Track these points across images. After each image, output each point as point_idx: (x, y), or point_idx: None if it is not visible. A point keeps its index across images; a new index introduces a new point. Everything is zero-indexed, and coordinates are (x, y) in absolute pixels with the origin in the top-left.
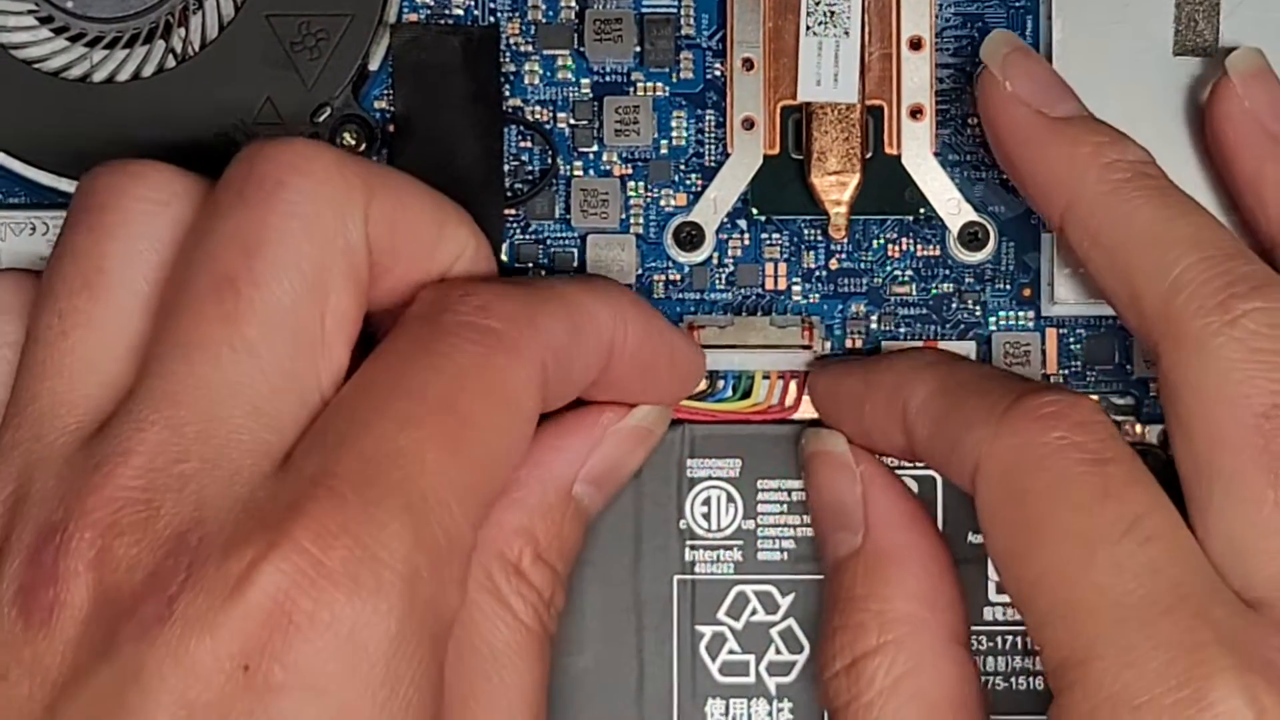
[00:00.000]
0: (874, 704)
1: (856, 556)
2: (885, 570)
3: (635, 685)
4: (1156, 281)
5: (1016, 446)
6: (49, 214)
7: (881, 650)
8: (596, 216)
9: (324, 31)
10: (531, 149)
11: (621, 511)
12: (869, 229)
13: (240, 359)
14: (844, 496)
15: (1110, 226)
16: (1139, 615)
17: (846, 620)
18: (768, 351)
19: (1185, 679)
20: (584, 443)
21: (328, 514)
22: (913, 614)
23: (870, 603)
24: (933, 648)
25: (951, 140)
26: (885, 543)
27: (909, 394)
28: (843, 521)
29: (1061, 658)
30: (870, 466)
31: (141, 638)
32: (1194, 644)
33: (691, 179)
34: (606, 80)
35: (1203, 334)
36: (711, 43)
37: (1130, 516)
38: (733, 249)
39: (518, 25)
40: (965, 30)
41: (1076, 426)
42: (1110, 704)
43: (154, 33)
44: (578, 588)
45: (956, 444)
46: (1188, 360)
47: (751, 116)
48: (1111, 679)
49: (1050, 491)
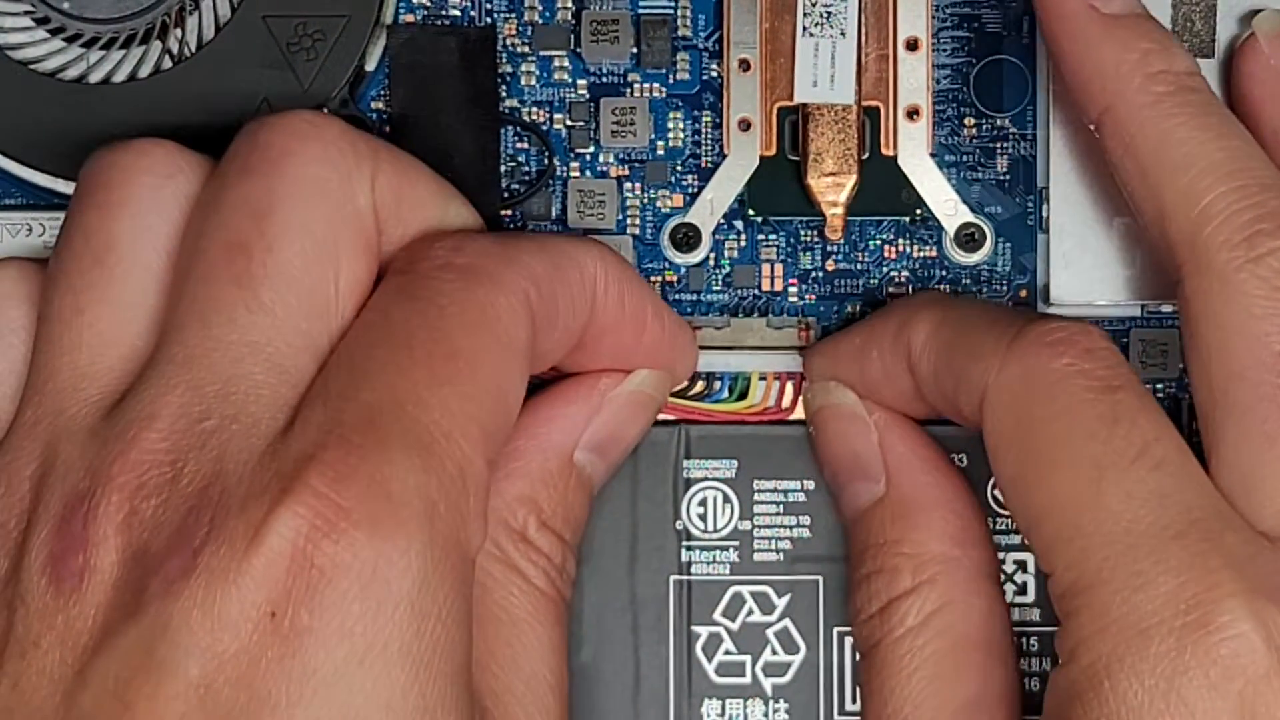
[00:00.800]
0: (904, 640)
1: (881, 504)
2: (914, 514)
3: (631, 685)
4: (1186, 207)
5: (1024, 374)
6: (46, 215)
7: (916, 591)
8: (593, 217)
9: (320, 32)
10: (528, 150)
11: (618, 511)
12: (865, 230)
13: (256, 319)
14: (860, 446)
15: (1146, 140)
16: (1149, 540)
17: (879, 565)
18: (764, 353)
19: (1195, 603)
20: (582, 410)
21: (338, 459)
22: (945, 553)
23: (902, 546)
24: (965, 584)
25: (948, 141)
26: (910, 487)
27: (912, 332)
28: (861, 471)
29: (1070, 582)
30: (884, 414)
31: (167, 593)
32: (1204, 568)
33: (688, 180)
34: (603, 81)
35: (1227, 268)
36: (708, 44)
37: (1140, 442)
38: (729, 250)
39: (514, 26)
40: (962, 31)
41: (1085, 354)
42: (1118, 627)
43: (150, 33)
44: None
45: (963, 375)
46: (1210, 291)
47: (748, 118)
48: (1120, 602)
49: (1060, 418)
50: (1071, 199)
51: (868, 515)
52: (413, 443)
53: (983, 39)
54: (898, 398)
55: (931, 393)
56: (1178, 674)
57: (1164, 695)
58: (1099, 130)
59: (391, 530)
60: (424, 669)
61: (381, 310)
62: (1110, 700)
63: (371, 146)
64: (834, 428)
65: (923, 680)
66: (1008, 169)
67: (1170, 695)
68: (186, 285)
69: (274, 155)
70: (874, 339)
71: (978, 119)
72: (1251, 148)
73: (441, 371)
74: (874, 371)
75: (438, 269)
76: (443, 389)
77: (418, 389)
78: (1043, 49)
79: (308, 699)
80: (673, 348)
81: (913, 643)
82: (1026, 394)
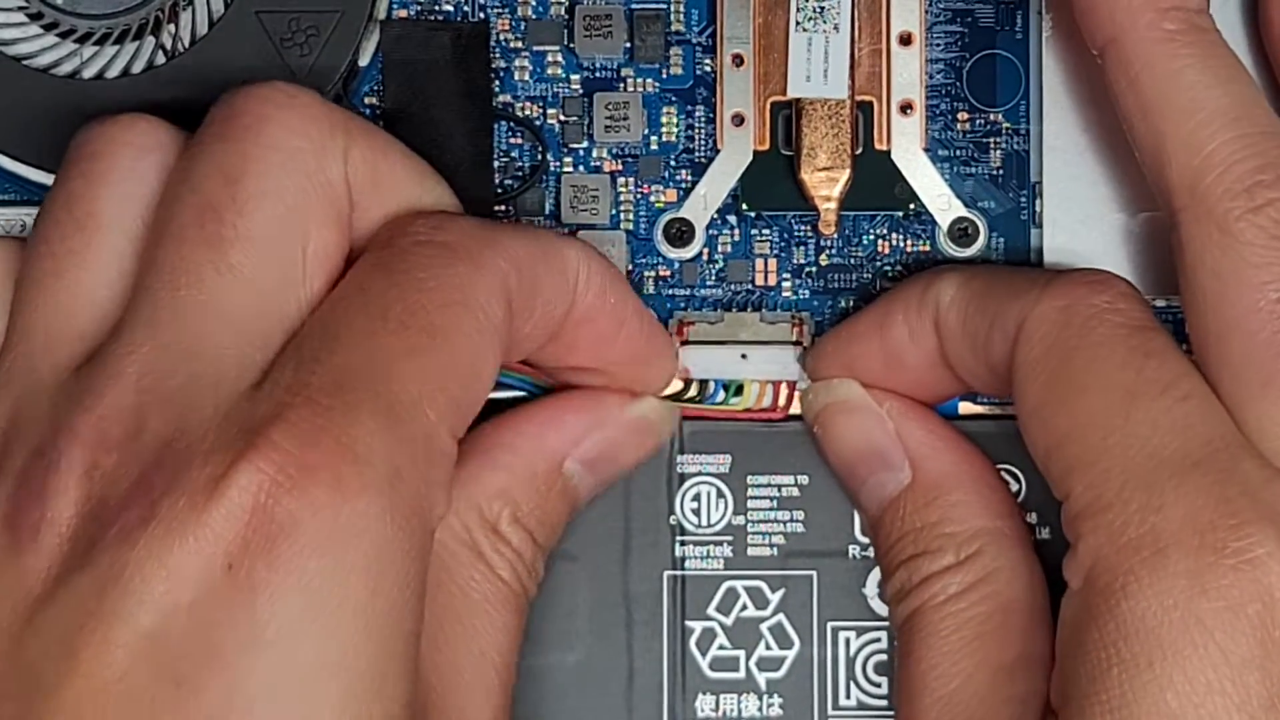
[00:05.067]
0: (945, 605)
1: (910, 491)
2: (947, 495)
3: (625, 680)
4: (1188, 153)
5: (1064, 307)
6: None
7: (960, 565)
8: (586, 213)
9: (314, 28)
10: (521, 145)
11: (611, 507)
12: (859, 225)
13: (225, 281)
14: (876, 438)
15: (1152, 78)
16: (1170, 466)
17: (920, 548)
18: (758, 347)
19: (1212, 525)
20: (583, 421)
21: (305, 419)
22: (988, 526)
23: (943, 527)
24: (1010, 552)
25: (941, 136)
26: (937, 470)
27: (941, 287)
28: (883, 462)
29: (1087, 502)
30: (895, 401)
31: (124, 541)
32: (1222, 495)
33: (681, 175)
34: (596, 76)
35: (1227, 216)
36: (701, 39)
37: (1170, 376)
38: (723, 245)
39: (508, 21)
40: (955, 26)
41: (1120, 296)
42: (1133, 546)
43: (144, 29)
44: (568, 584)
45: (999, 314)
46: (1208, 239)
47: (741, 112)
48: (1137, 523)
49: (1095, 347)
50: (1065, 194)
51: (896, 504)
52: (381, 408)
53: (976, 33)
54: (919, 364)
55: (958, 344)
56: (1195, 594)
57: (1181, 615)
58: (1102, 60)
59: (355, 491)
60: (376, 631)
61: (358, 283)
62: (1127, 620)
63: (347, 120)
64: (846, 423)
65: (964, 640)
66: (1001, 164)
67: (1188, 616)
68: (158, 247)
69: (248, 122)
70: (898, 303)
71: (971, 114)
72: (1256, 94)
73: (415, 343)
74: (898, 336)
75: (417, 245)
76: (415, 360)
77: (390, 357)
78: (1036, 44)
79: (257, 652)
80: (650, 348)
81: (955, 606)
82: (1064, 324)
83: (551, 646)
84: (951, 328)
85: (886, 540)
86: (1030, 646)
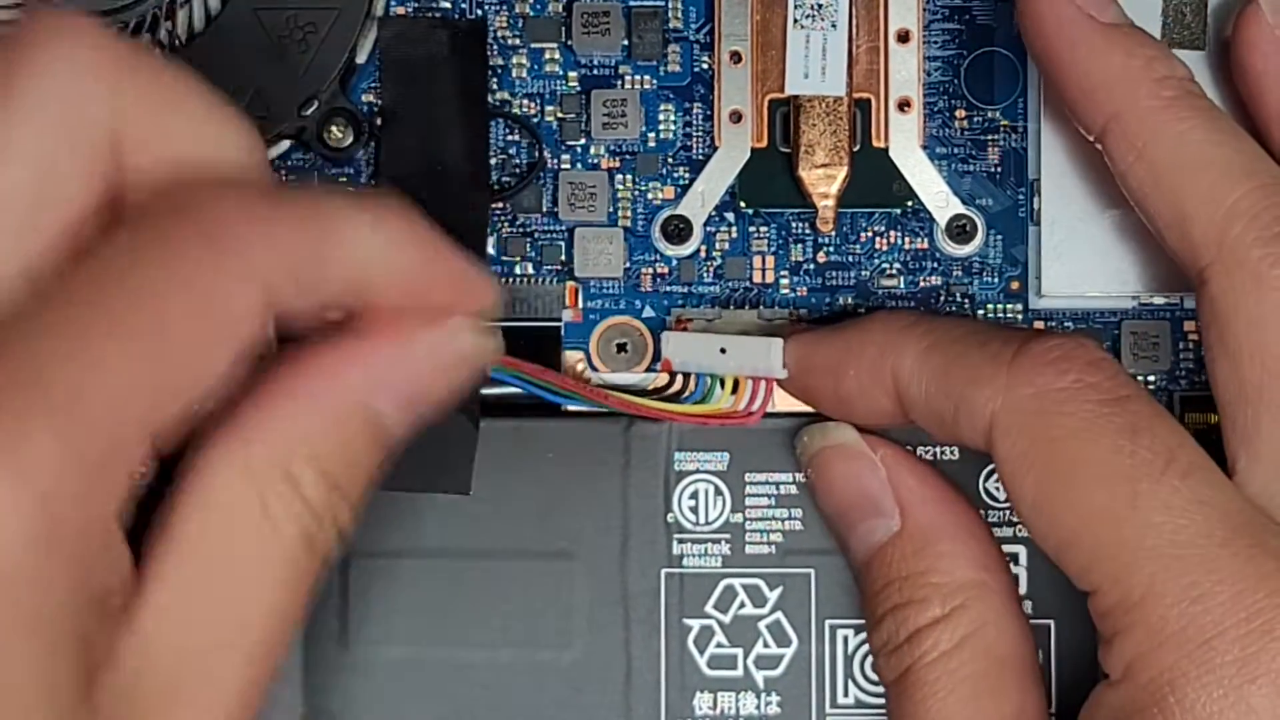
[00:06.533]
0: (938, 663)
1: (898, 539)
2: (936, 545)
3: (623, 679)
4: (1211, 207)
5: (1033, 395)
6: None
7: (948, 617)
8: (584, 210)
9: (312, 24)
10: (519, 142)
11: (609, 505)
12: (857, 222)
13: None
14: (868, 484)
15: (1161, 144)
16: (1196, 549)
17: (906, 598)
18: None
19: (1257, 609)
20: (388, 357)
21: None
22: (974, 579)
23: (929, 576)
24: (997, 607)
25: (939, 133)
26: (926, 519)
27: (897, 356)
28: (874, 509)
29: (1118, 598)
30: (888, 450)
31: None
32: (1259, 574)
33: (679, 172)
34: (594, 73)
35: (1261, 264)
36: (699, 36)
37: (1165, 451)
38: (720, 242)
39: (505, 18)
40: (953, 23)
41: (1088, 367)
42: (1177, 640)
43: (142, 25)
44: (565, 582)
45: (963, 401)
46: (1243, 288)
47: (739, 110)
48: (1178, 615)
49: (1079, 435)
50: (1063, 191)
51: (884, 551)
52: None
53: (974, 31)
54: (869, 414)
55: (922, 418)
56: (1246, 682)
57: (1234, 705)
58: (1103, 139)
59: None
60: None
61: (96, 261)
62: (1177, 715)
63: (132, 56)
64: (840, 469)
65: (961, 700)
66: (999, 161)
67: (1239, 705)
68: None
69: (12, 49)
70: (851, 359)
71: (969, 111)
72: (1259, 150)
73: (131, 352)
74: (849, 389)
75: (175, 228)
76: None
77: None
78: None
79: None
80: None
81: (947, 665)
82: (1038, 416)
83: (549, 644)
84: (914, 402)
85: (873, 587)
86: (1025, 701)
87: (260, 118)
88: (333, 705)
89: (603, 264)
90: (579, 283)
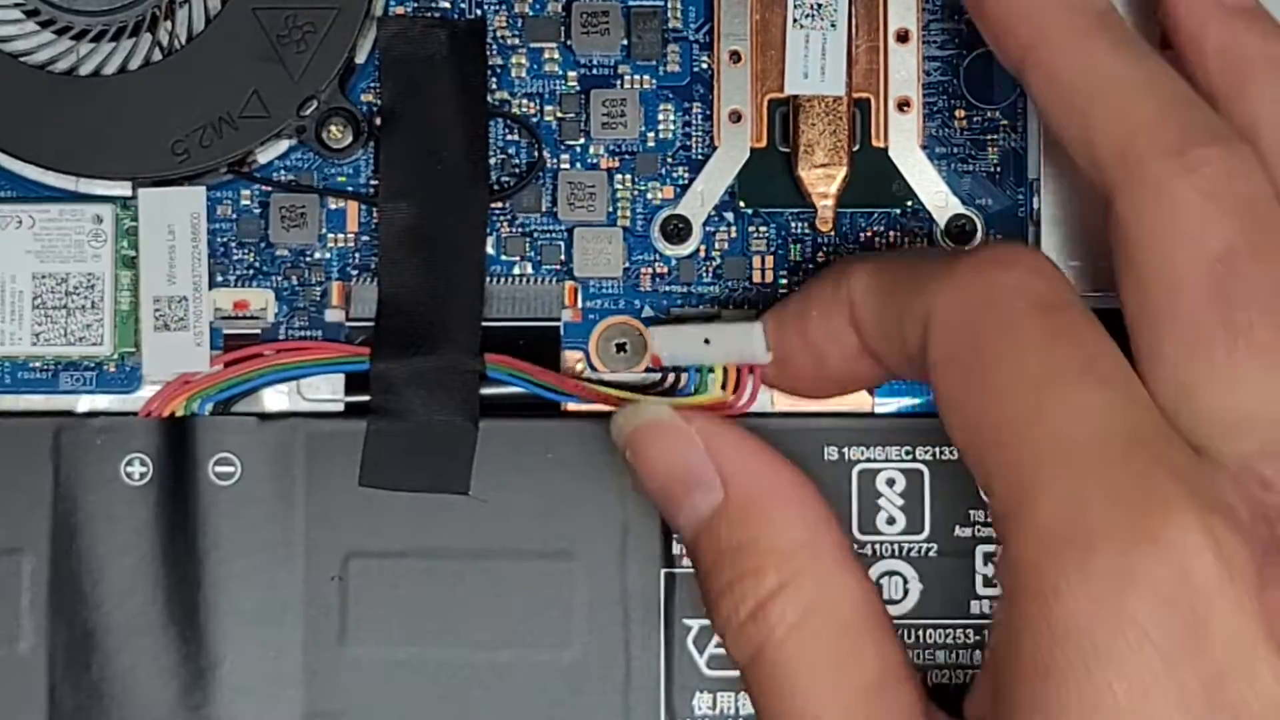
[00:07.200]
0: (789, 639)
1: (724, 509)
2: (763, 511)
3: (622, 679)
4: (1114, 126)
5: (968, 295)
6: (35, 208)
7: (786, 586)
8: (583, 209)
9: (310, 24)
10: (518, 142)
11: (608, 505)
12: (856, 222)
13: None
14: (689, 457)
15: (1071, 68)
16: (1093, 455)
17: (739, 570)
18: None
19: (1141, 516)
20: None
21: None
22: (806, 541)
23: (759, 544)
24: (833, 567)
25: (939, 133)
26: (751, 486)
27: (851, 281)
28: (696, 482)
29: (1008, 502)
30: (704, 420)
31: None
32: (1149, 485)
33: (679, 172)
34: (593, 73)
35: (1161, 176)
36: (698, 35)
37: (1085, 358)
38: (720, 242)
39: (504, 18)
40: (952, 23)
41: (1029, 272)
42: (1060, 544)
43: (140, 26)
44: (564, 582)
45: (906, 310)
46: (1145, 203)
47: (739, 109)
48: (1063, 519)
49: (1003, 334)
50: (1062, 191)
51: (711, 524)
52: None
53: (973, 31)
54: (843, 358)
55: (875, 338)
56: (1126, 590)
57: (1114, 613)
58: (1022, 72)
59: None
60: None
61: None
62: (1060, 625)
63: None
64: (658, 445)
65: (823, 672)
66: (998, 161)
67: (1120, 613)
68: None
69: None
70: (812, 299)
71: (968, 111)
72: (1170, 70)
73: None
74: (817, 333)
75: None
76: None
77: None
78: None
79: None
80: None
81: (799, 638)
82: (970, 311)
83: (548, 645)
84: (867, 324)
85: (705, 563)
86: (885, 653)
87: (260, 118)
88: (333, 705)
89: (602, 264)
90: (578, 282)
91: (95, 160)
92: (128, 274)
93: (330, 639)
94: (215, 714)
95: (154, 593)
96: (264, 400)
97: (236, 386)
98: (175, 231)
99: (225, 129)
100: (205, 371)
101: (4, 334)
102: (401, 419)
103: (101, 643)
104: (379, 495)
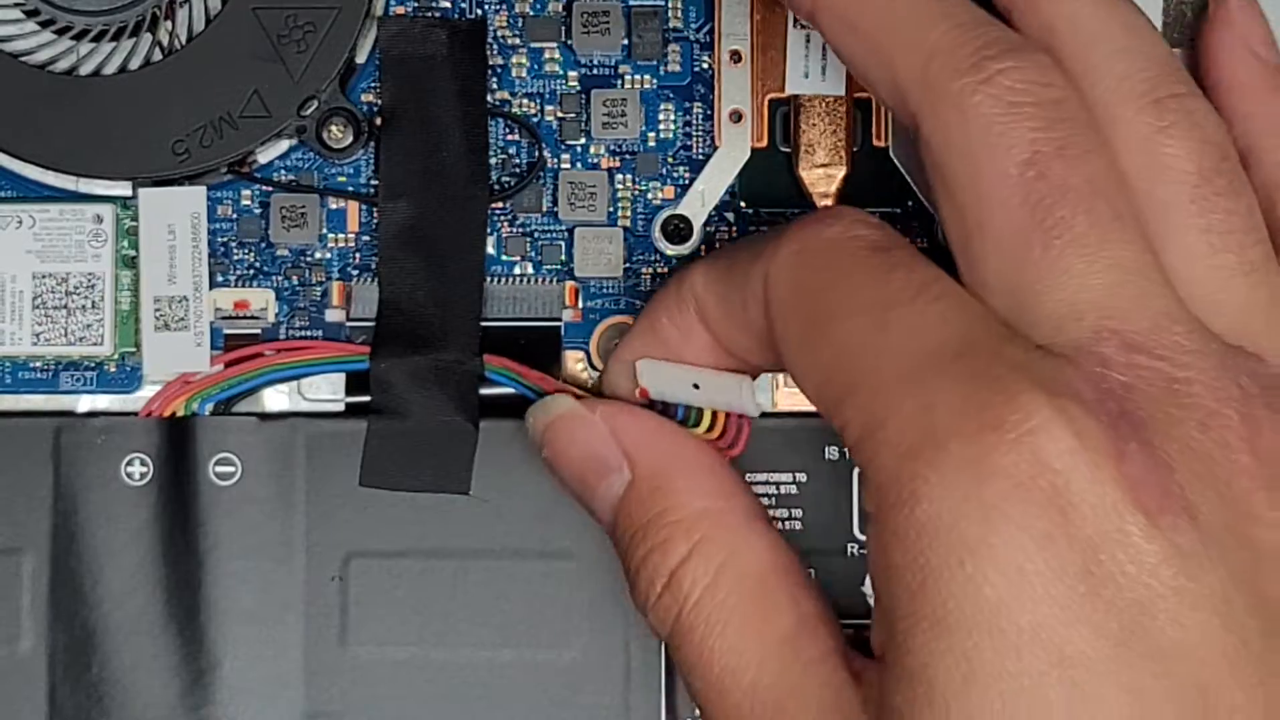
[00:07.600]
0: (703, 601)
1: (632, 487)
2: (667, 483)
3: (623, 679)
4: (911, 54)
5: (799, 249)
6: (36, 207)
7: (694, 552)
8: (584, 209)
9: (311, 24)
10: (519, 142)
11: None
12: None
13: None
14: (596, 444)
15: (862, 9)
16: (934, 365)
17: (650, 544)
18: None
19: (985, 409)
20: None
21: None
22: (709, 508)
23: (666, 516)
24: (739, 529)
25: None
26: (654, 461)
27: (690, 280)
28: (605, 466)
29: (862, 425)
30: (606, 405)
31: None
32: (991, 379)
33: (679, 172)
34: (594, 73)
35: (961, 93)
36: (699, 35)
37: (919, 281)
38: (720, 242)
39: (505, 18)
40: None
41: (855, 223)
42: (914, 453)
43: (141, 26)
44: (565, 581)
45: (746, 290)
46: (947, 120)
47: (739, 109)
48: (913, 427)
49: (838, 277)
50: None
51: (623, 504)
52: None
53: None
54: (700, 354)
55: (724, 329)
56: (984, 479)
57: (976, 505)
58: (815, 20)
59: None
60: None
61: None
62: (926, 527)
63: None
64: (567, 436)
65: (739, 629)
66: None
67: (982, 505)
68: None
69: None
70: (659, 308)
71: None
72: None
73: None
74: (671, 337)
75: None
76: None
77: None
78: None
79: None
80: None
81: (713, 599)
82: (803, 263)
83: (549, 644)
84: (713, 315)
85: (621, 543)
86: (801, 607)
87: (260, 118)
88: (333, 705)
89: (602, 264)
90: (579, 282)
91: (95, 160)
92: (128, 274)
93: (330, 639)
94: (215, 714)
95: (154, 593)
96: (264, 400)
97: (237, 386)
98: (175, 231)
99: (225, 129)
100: (205, 371)
101: (4, 334)
102: (402, 419)
103: (101, 643)
104: (379, 495)
